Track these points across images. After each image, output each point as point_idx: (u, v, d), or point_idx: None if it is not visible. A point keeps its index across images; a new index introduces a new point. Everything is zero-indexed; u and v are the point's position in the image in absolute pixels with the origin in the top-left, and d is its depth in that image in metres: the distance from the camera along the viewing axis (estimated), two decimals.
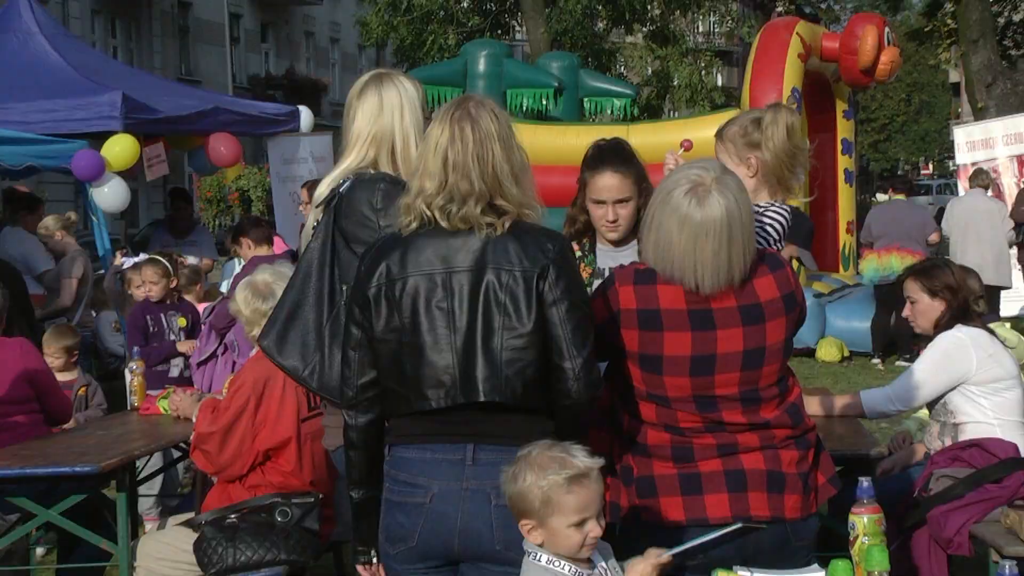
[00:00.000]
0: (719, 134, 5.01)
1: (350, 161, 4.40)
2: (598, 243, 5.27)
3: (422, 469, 3.65)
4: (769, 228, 4.80)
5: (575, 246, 5.39)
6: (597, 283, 5.00)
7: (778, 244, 4.93)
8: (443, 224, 3.65)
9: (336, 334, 4.18)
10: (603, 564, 3.54)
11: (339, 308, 4.20)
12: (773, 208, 4.88)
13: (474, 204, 3.63)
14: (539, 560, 3.43)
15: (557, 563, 3.42)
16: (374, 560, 3.83)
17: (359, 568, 3.88)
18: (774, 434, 3.86)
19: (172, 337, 8.70)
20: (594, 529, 3.43)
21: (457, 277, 3.62)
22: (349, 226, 4.26)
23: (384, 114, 4.38)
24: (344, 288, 4.22)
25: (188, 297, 9.01)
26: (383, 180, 4.26)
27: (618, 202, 5.03)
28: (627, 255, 4.98)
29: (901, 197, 16.19)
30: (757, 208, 4.86)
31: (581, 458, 3.42)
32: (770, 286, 3.89)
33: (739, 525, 3.61)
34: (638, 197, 5.02)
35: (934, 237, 15.06)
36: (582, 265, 5.28)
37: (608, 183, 5.00)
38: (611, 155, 5.08)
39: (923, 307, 6.02)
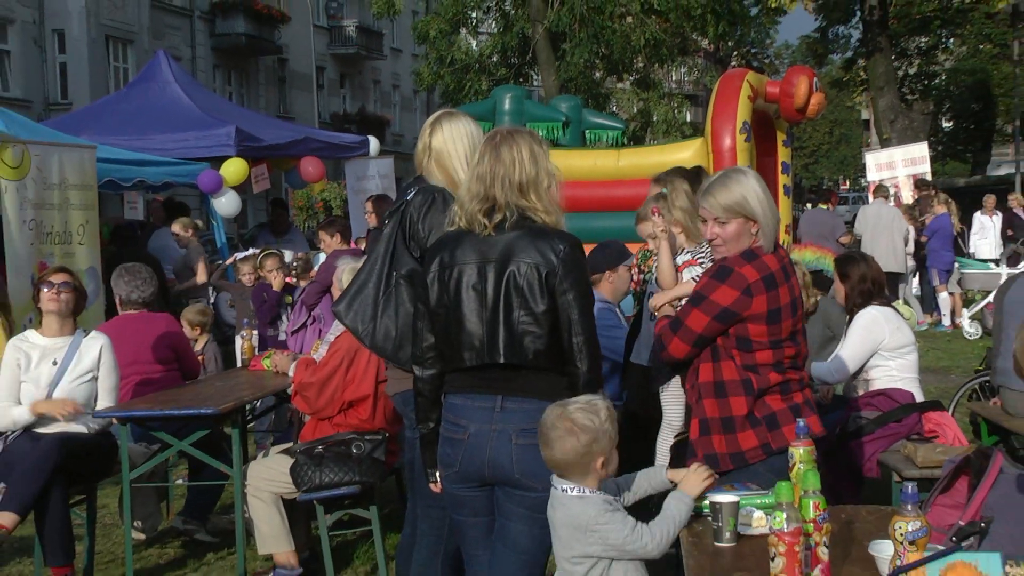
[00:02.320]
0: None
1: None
2: None
3: (463, 413, 3.66)
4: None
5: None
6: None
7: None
8: (471, 224, 3.67)
9: (386, 307, 4.17)
10: None
11: (392, 288, 4.19)
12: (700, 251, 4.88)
13: (478, 205, 3.65)
14: (572, 492, 3.36)
15: (587, 491, 3.36)
16: (438, 480, 3.83)
17: (430, 485, 3.88)
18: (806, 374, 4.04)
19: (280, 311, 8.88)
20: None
21: (489, 266, 3.61)
22: (407, 226, 4.24)
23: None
24: (395, 274, 4.20)
25: (302, 281, 9.02)
26: (435, 191, 4.20)
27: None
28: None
29: (823, 206, 16.19)
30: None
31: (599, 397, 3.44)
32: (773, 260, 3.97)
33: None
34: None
35: (844, 239, 15.08)
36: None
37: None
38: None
39: (836, 287, 6.07)
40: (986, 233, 17.91)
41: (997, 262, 15.87)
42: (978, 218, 18.39)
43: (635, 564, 3.37)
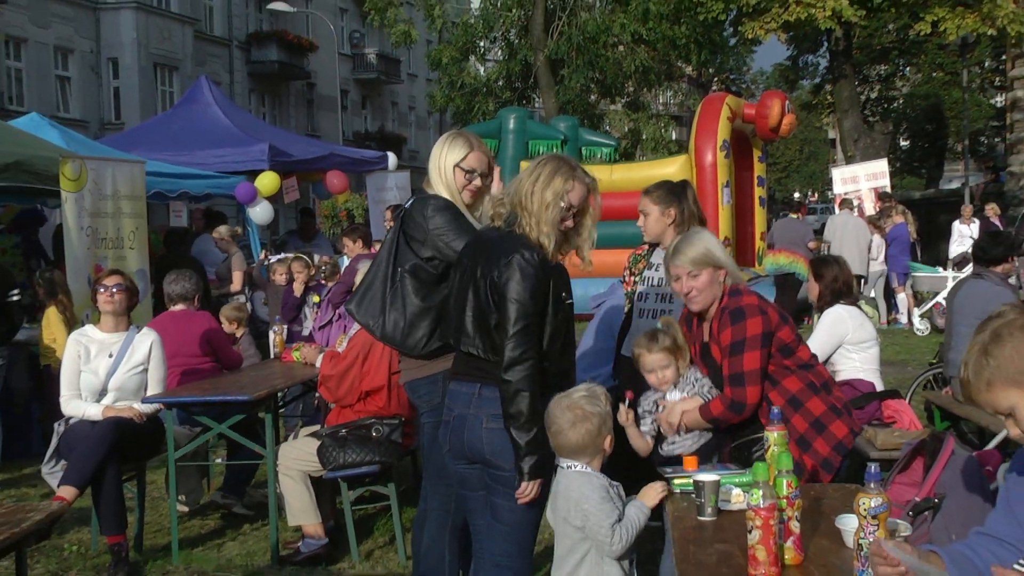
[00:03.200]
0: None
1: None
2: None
3: (453, 397, 3.67)
4: None
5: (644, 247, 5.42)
6: (649, 272, 5.09)
7: None
8: (494, 214, 3.73)
9: (393, 302, 4.13)
10: None
11: (398, 283, 4.17)
12: None
13: (499, 197, 3.73)
14: (576, 468, 3.34)
15: (589, 469, 3.34)
16: None
17: None
18: None
19: (307, 309, 8.91)
20: None
21: (471, 262, 3.63)
22: (410, 229, 4.19)
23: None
24: (399, 270, 4.19)
25: (329, 283, 9.03)
26: (434, 199, 4.18)
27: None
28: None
29: (794, 215, 16.16)
30: None
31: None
32: None
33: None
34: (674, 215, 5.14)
35: (812, 244, 15.07)
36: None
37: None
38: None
39: (810, 286, 6.07)
40: (964, 241, 17.80)
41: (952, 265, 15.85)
42: (956, 227, 18.25)
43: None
